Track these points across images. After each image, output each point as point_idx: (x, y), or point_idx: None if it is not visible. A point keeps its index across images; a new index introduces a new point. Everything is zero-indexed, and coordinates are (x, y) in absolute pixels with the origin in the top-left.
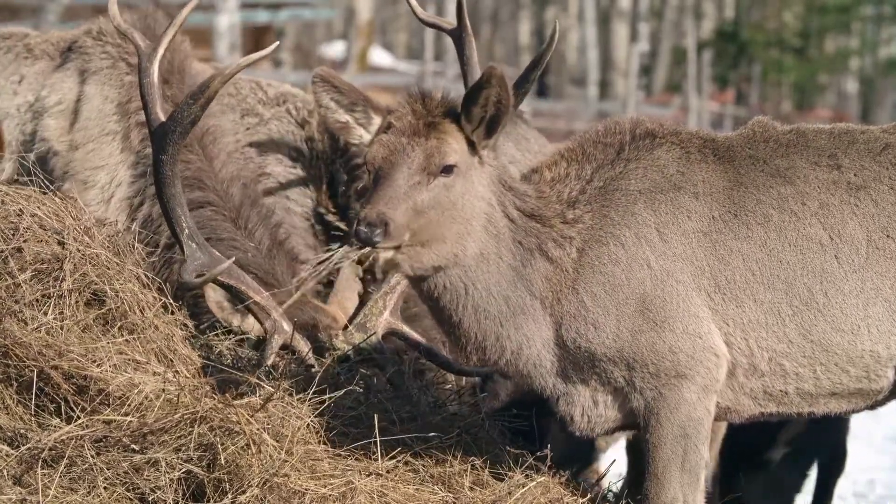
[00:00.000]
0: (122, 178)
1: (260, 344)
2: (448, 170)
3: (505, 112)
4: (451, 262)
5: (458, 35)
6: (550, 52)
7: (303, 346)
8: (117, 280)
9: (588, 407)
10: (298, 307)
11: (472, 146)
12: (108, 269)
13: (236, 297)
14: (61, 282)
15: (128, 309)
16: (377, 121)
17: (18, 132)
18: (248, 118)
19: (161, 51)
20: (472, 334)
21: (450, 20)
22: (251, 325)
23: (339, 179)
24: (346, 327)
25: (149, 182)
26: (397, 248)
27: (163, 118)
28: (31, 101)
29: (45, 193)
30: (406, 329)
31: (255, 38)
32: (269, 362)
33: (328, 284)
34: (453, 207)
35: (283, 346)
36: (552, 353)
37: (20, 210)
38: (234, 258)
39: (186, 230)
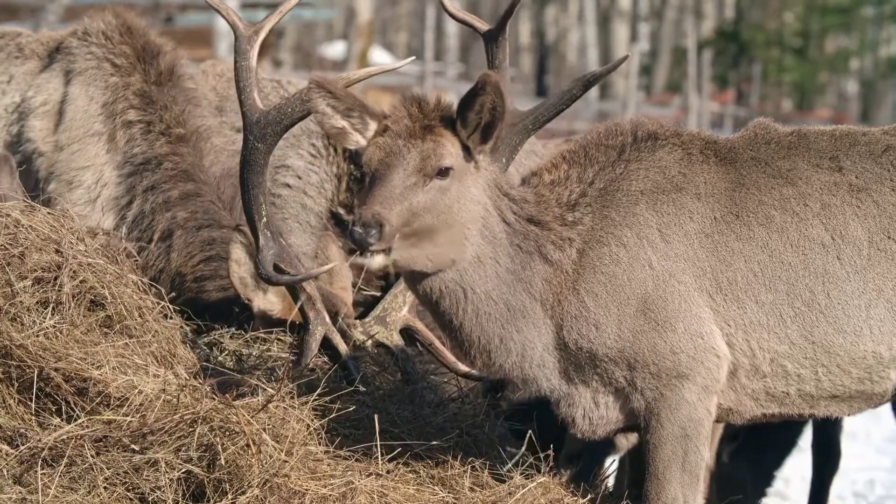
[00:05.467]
0: (108, 178)
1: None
2: (444, 172)
3: (500, 118)
4: (447, 265)
5: (493, 37)
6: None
7: (339, 340)
8: (115, 286)
9: (589, 409)
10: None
11: (467, 151)
12: (107, 275)
13: (290, 287)
14: (60, 289)
15: (127, 314)
16: (373, 126)
17: (5, 133)
18: None
19: (262, 35)
20: (475, 338)
21: (482, 20)
22: (271, 303)
23: (357, 178)
24: (361, 317)
25: (139, 179)
26: (388, 251)
27: (260, 105)
28: (18, 101)
29: (34, 209)
30: (421, 327)
31: None
32: (312, 352)
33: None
34: (448, 211)
35: (324, 339)
36: (554, 355)
37: (17, 221)
38: (319, 271)
39: (265, 218)
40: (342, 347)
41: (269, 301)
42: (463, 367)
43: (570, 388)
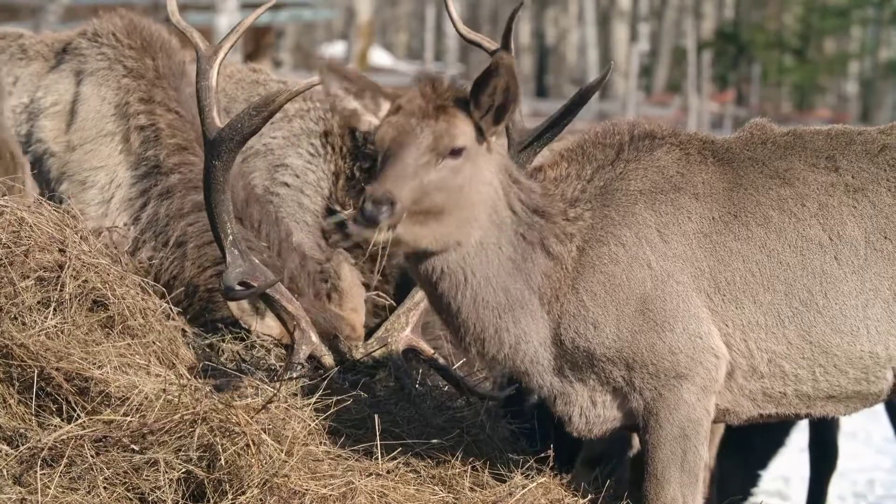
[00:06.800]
0: (122, 179)
1: (275, 348)
2: (456, 152)
3: (513, 100)
4: (452, 246)
5: None
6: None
7: (327, 358)
8: (117, 286)
9: (586, 407)
10: (320, 313)
11: (480, 133)
12: (110, 275)
13: (269, 304)
14: (62, 288)
15: (129, 315)
16: (386, 107)
17: (13, 134)
18: None
19: (222, 55)
20: (471, 324)
21: (490, 40)
22: (268, 328)
23: (356, 177)
24: (366, 337)
25: (153, 182)
26: (392, 227)
27: (219, 124)
28: (26, 102)
29: (41, 204)
30: (425, 346)
31: (256, 38)
32: (296, 372)
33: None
34: (459, 191)
35: (309, 357)
36: (549, 352)
37: (20, 220)
38: (279, 278)
39: (231, 237)
40: (328, 364)
41: (266, 325)
42: (470, 384)
43: (564, 386)
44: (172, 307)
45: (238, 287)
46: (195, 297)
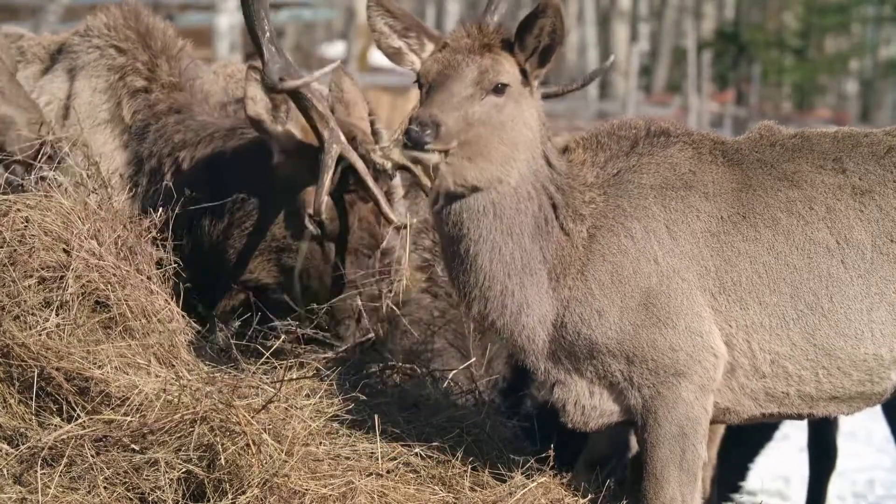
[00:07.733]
0: (118, 163)
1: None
2: (500, 89)
3: (559, 42)
4: (492, 183)
5: None
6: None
7: (355, 157)
8: (121, 287)
9: (584, 397)
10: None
11: (524, 76)
12: (114, 275)
13: (298, 102)
14: (65, 289)
15: (131, 315)
16: (430, 47)
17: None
18: None
19: None
20: (482, 277)
21: None
22: (287, 134)
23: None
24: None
25: (142, 141)
26: (445, 153)
27: None
28: None
29: (49, 197)
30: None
31: None
32: (330, 168)
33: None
34: (502, 128)
35: (340, 157)
36: (546, 333)
37: (26, 218)
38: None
39: (268, 34)
40: (359, 165)
41: (276, 123)
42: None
43: (563, 375)
44: (176, 308)
45: (279, 81)
46: (199, 180)
